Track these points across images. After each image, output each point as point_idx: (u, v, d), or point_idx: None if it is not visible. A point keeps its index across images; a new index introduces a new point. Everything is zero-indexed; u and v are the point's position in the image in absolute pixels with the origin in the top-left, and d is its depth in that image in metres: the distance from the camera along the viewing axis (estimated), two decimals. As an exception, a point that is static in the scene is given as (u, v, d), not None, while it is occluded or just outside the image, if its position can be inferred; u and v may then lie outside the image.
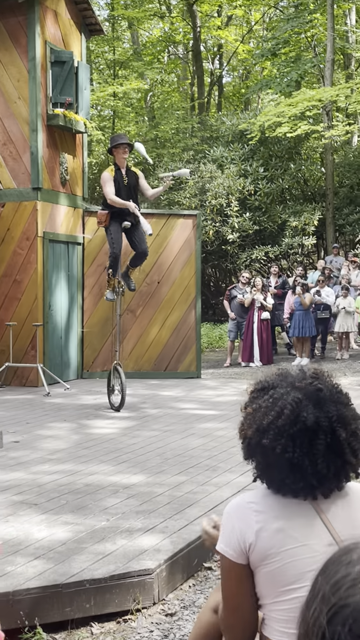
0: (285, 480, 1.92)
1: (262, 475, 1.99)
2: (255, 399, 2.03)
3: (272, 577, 1.92)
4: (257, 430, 1.95)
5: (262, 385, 2.05)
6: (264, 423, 1.93)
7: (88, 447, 6.85)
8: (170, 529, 4.45)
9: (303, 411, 1.90)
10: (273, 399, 1.95)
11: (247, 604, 1.98)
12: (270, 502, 1.96)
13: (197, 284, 12.13)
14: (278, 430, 1.90)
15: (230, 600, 2.00)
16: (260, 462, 1.97)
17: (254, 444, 1.96)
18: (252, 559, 1.94)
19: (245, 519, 1.95)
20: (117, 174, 8.55)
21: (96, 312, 11.94)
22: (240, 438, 2.03)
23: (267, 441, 1.91)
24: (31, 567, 3.84)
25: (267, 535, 1.91)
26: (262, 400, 1.98)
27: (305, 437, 1.89)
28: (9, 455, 6.51)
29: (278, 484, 1.95)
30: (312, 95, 17.87)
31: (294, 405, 1.91)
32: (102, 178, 8.62)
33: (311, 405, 1.92)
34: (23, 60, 10.84)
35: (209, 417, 8.39)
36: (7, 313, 11.06)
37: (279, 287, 14.91)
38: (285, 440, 1.89)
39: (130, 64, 24.55)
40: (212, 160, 19.15)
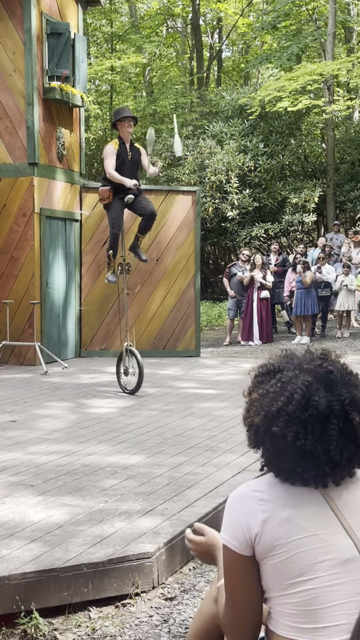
0: (296, 468, 1.81)
1: (271, 463, 1.88)
2: (260, 384, 1.90)
3: (280, 569, 1.81)
4: (265, 417, 1.83)
5: (267, 368, 1.93)
6: (273, 409, 1.81)
7: (86, 427, 6.76)
8: (170, 511, 4.36)
9: (314, 395, 1.79)
10: (281, 383, 1.83)
11: (252, 599, 1.87)
12: (277, 491, 1.85)
13: (197, 261, 11.99)
14: (289, 417, 1.78)
15: (234, 595, 1.89)
16: (270, 450, 1.85)
17: (263, 432, 1.84)
18: (257, 550, 1.83)
19: (250, 509, 1.84)
20: (121, 148, 8.27)
21: (94, 290, 11.80)
22: (245, 426, 1.91)
23: (277, 429, 1.79)
24: (27, 551, 3.75)
25: (274, 525, 1.81)
26: (269, 385, 1.86)
27: (317, 422, 1.78)
28: (6, 435, 6.42)
29: (288, 473, 1.83)
30: (313, 69, 17.61)
31: (305, 389, 1.79)
32: (105, 151, 8.27)
33: (322, 389, 1.80)
34: (18, 32, 10.59)
35: (209, 397, 8.30)
36: (4, 291, 10.92)
37: (279, 265, 14.77)
38: (296, 427, 1.78)
39: (128, 37, 24.17)
40: (211, 136, 18.90)
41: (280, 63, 19.50)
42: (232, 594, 1.89)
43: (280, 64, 19.49)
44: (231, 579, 1.88)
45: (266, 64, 21.32)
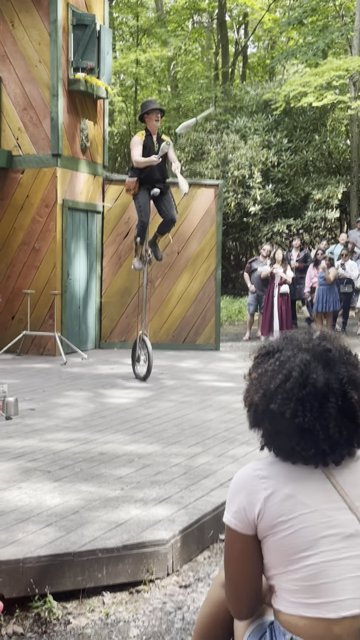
0: (295, 447, 1.81)
1: (271, 442, 1.89)
2: (260, 364, 1.91)
3: (283, 546, 1.82)
4: (264, 395, 1.84)
5: (267, 349, 1.94)
6: (271, 387, 1.82)
7: (104, 416, 6.77)
8: (186, 500, 4.35)
9: (312, 373, 1.79)
10: (279, 362, 1.84)
11: (248, 573, 1.89)
12: (278, 469, 1.86)
13: (218, 255, 11.96)
14: (286, 394, 1.79)
15: (231, 568, 1.91)
16: (269, 429, 1.86)
17: (261, 410, 1.85)
18: (260, 527, 1.84)
19: (252, 487, 1.85)
20: (147, 140, 8.33)
21: (115, 282, 11.82)
22: (245, 406, 1.92)
23: (275, 406, 1.80)
24: (43, 535, 3.75)
25: (276, 501, 1.81)
26: (268, 364, 1.87)
27: (315, 400, 1.78)
28: (24, 423, 6.44)
29: (288, 452, 1.84)
30: (339, 64, 17.46)
31: (303, 367, 1.80)
32: (132, 141, 8.34)
33: (320, 367, 1.81)
34: (44, 23, 10.61)
35: (227, 389, 8.28)
36: (25, 281, 10.97)
37: (301, 261, 14.69)
38: (294, 404, 1.78)
39: (154, 31, 24.14)
40: (235, 131, 18.83)
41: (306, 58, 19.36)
42: (230, 567, 1.91)
43: (306, 59, 19.35)
44: (231, 560, 1.90)
45: (292, 59, 21.17)
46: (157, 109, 8.37)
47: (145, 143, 8.27)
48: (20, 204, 10.93)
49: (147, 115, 8.33)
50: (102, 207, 11.75)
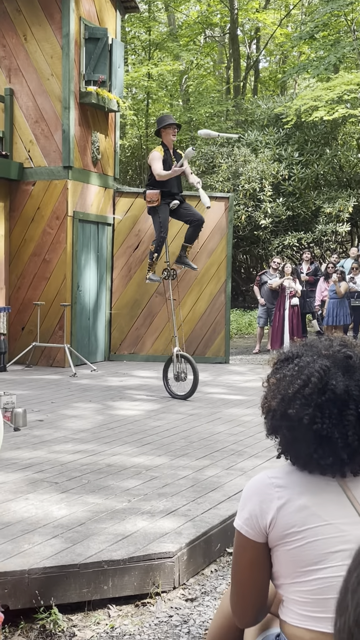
0: (313, 455, 1.77)
1: (288, 450, 1.85)
2: (279, 370, 1.88)
3: (293, 557, 1.78)
4: (282, 400, 1.80)
5: (286, 355, 1.91)
6: (290, 392, 1.78)
7: (112, 428, 6.75)
8: (193, 513, 4.31)
9: (332, 379, 1.76)
10: (299, 367, 1.81)
11: (255, 581, 1.86)
12: (294, 478, 1.82)
13: (228, 267, 11.95)
14: (305, 400, 1.76)
15: (239, 575, 1.88)
16: (286, 435, 1.83)
17: (279, 415, 1.82)
18: (271, 536, 1.80)
19: (266, 495, 1.81)
20: (166, 154, 8.37)
21: (125, 294, 11.83)
22: (263, 412, 1.89)
23: (293, 411, 1.77)
24: (49, 546, 3.73)
25: (289, 511, 1.78)
26: (287, 370, 1.84)
27: (334, 406, 1.74)
28: (33, 434, 6.43)
29: (305, 460, 1.80)
30: (350, 79, 17.49)
31: (322, 373, 1.77)
32: (152, 156, 8.35)
33: (340, 373, 1.77)
34: (57, 36, 10.70)
35: (236, 402, 8.24)
36: (36, 292, 10.99)
37: (311, 274, 14.65)
38: (313, 410, 1.75)
39: (166, 45, 24.29)
40: (246, 144, 18.87)
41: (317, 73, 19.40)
42: (237, 572, 1.88)
43: (318, 73, 19.39)
44: (239, 567, 1.87)
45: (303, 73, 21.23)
46: (174, 123, 8.42)
47: (165, 158, 8.32)
48: (31, 215, 10.98)
49: (164, 130, 8.38)
50: (112, 219, 11.79)
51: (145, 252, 11.77)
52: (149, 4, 25.21)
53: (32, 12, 10.82)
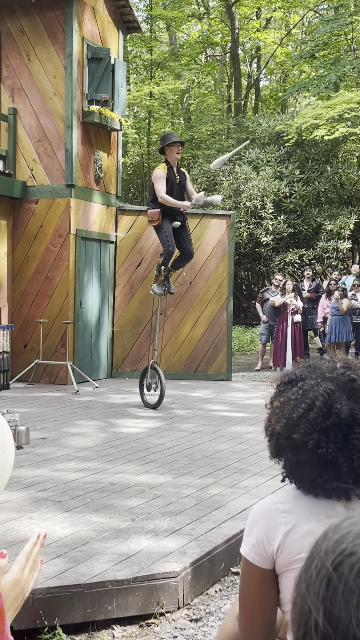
0: (317, 479, 1.77)
1: (292, 474, 1.84)
2: (282, 392, 1.88)
3: None
4: (286, 424, 1.80)
5: (290, 377, 1.90)
6: (294, 416, 1.78)
7: (115, 446, 6.74)
8: (197, 532, 4.30)
9: (336, 403, 1.75)
10: (303, 390, 1.80)
11: (263, 606, 1.84)
12: (300, 503, 1.81)
13: (230, 284, 11.98)
14: (309, 424, 1.75)
15: (249, 609, 1.86)
16: (291, 459, 1.82)
17: (283, 439, 1.81)
18: (278, 562, 1.79)
19: (272, 521, 1.80)
20: (169, 172, 8.43)
21: (127, 311, 11.85)
22: (267, 435, 1.88)
23: (297, 436, 1.76)
24: (52, 566, 3.72)
25: (296, 537, 1.77)
26: (291, 393, 1.83)
27: (339, 431, 1.74)
28: (35, 452, 6.43)
29: (310, 484, 1.79)
30: (350, 97, 17.61)
31: (326, 396, 1.76)
32: (155, 175, 8.42)
33: (345, 397, 1.77)
34: (60, 56, 10.80)
35: (239, 420, 8.23)
36: (38, 310, 11.02)
37: (313, 291, 14.67)
38: (317, 434, 1.74)
39: (167, 64, 24.48)
40: (247, 162, 18.97)
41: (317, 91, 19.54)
42: (245, 599, 1.87)
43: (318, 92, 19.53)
44: (247, 593, 1.86)
45: (304, 92, 21.38)
46: (178, 141, 8.48)
47: (168, 176, 8.37)
48: (34, 233, 11.03)
49: (168, 148, 8.43)
50: (115, 237, 11.83)
51: (147, 269, 11.81)
52: (150, 23, 25.45)
53: (36, 33, 10.93)
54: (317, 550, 0.82)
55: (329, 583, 0.76)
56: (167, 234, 8.38)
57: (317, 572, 0.79)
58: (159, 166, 8.53)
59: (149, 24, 25.12)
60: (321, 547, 0.81)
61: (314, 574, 0.79)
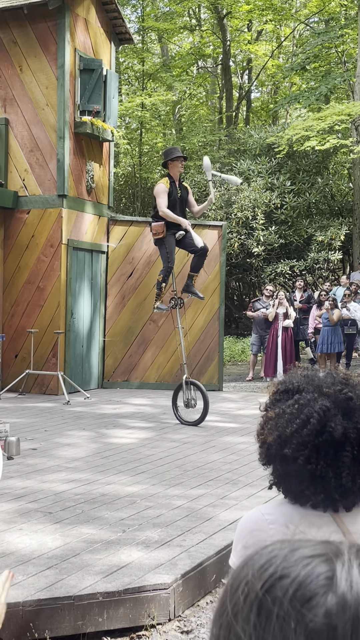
0: (304, 491, 1.77)
1: (280, 483, 1.85)
2: (277, 402, 1.87)
3: None
4: (278, 437, 1.80)
5: (286, 386, 1.90)
6: (287, 432, 1.78)
7: (106, 457, 6.72)
8: (188, 543, 4.29)
9: (330, 421, 1.75)
10: (299, 404, 1.80)
11: None
12: (287, 514, 1.81)
13: (221, 294, 12.00)
14: (302, 440, 1.75)
15: None
16: (279, 470, 1.82)
17: (274, 451, 1.81)
18: None
19: (261, 532, 1.80)
20: (171, 187, 8.46)
21: (118, 322, 11.84)
22: (258, 442, 1.88)
23: (289, 451, 1.76)
24: (43, 577, 3.70)
25: None
26: (286, 406, 1.83)
27: (330, 448, 1.74)
28: (26, 462, 6.40)
29: (296, 494, 1.80)
30: (341, 109, 17.73)
31: (322, 414, 1.76)
32: (157, 189, 8.45)
33: (340, 416, 1.77)
34: (52, 67, 10.83)
35: (230, 430, 8.23)
36: (29, 320, 11.00)
37: (304, 302, 14.72)
38: (309, 451, 1.74)
39: (159, 75, 24.60)
40: (239, 173, 19.05)
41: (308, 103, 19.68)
42: None
43: (309, 104, 19.67)
44: None
45: (295, 104, 21.52)
46: (182, 156, 8.55)
47: (170, 190, 8.41)
48: (26, 243, 11.02)
49: (172, 162, 8.48)
50: (106, 247, 11.84)
51: (139, 280, 11.81)
52: (142, 35, 25.58)
53: (28, 44, 10.96)
54: (241, 576, 0.76)
55: (261, 608, 0.70)
56: (169, 250, 8.40)
57: (244, 597, 0.73)
58: (162, 180, 8.57)
59: (140, 35, 25.25)
60: (246, 573, 0.75)
61: (242, 600, 0.73)
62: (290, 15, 24.71)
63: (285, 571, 0.72)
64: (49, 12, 10.73)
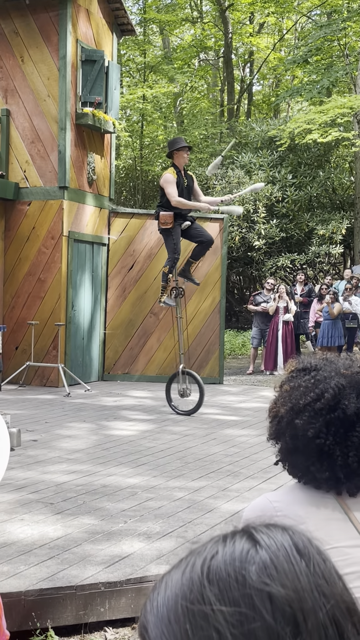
0: (310, 467, 1.77)
1: (286, 458, 1.84)
2: (294, 378, 1.88)
3: None
4: (291, 409, 1.80)
5: (305, 365, 1.91)
6: (301, 403, 1.79)
7: (107, 449, 6.71)
8: (190, 534, 4.29)
9: (345, 399, 1.76)
10: (315, 380, 1.81)
11: None
12: (295, 502, 1.80)
13: (222, 287, 11.98)
14: (314, 413, 1.76)
15: None
16: (288, 443, 1.82)
17: (285, 423, 1.81)
18: None
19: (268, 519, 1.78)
20: (178, 177, 8.46)
21: (119, 314, 11.82)
22: (269, 416, 1.88)
23: (300, 422, 1.77)
24: (44, 567, 3.70)
25: None
26: (303, 380, 1.84)
27: (341, 426, 1.75)
28: (27, 454, 6.40)
29: (301, 471, 1.80)
30: (343, 102, 17.67)
31: (336, 390, 1.77)
32: (165, 179, 8.42)
33: (354, 395, 1.78)
34: (54, 58, 10.79)
35: (231, 423, 8.22)
36: (30, 312, 10.98)
37: (305, 296, 14.70)
38: (319, 424, 1.75)
39: (161, 67, 24.52)
40: (240, 166, 19.00)
41: (310, 96, 19.60)
42: None
43: (311, 97, 19.59)
44: None
45: (296, 97, 21.44)
46: (187, 146, 8.55)
47: (177, 180, 8.40)
48: (27, 235, 11.00)
49: (177, 152, 8.48)
50: (107, 240, 11.82)
51: (140, 272, 11.79)
52: (144, 27, 25.48)
53: (29, 34, 10.91)
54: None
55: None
56: (175, 241, 8.41)
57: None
58: (168, 170, 8.56)
59: (142, 27, 25.15)
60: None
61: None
62: (292, 8, 24.61)
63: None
64: (50, 3, 10.68)
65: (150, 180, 24.70)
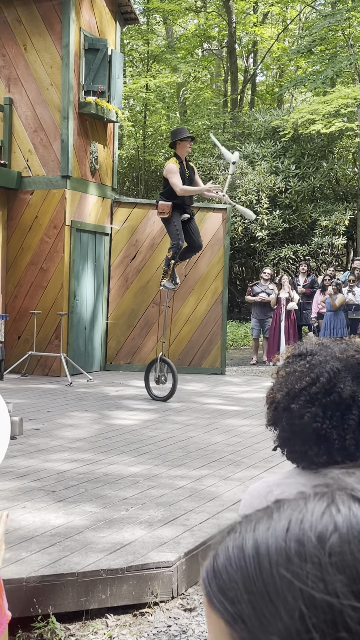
0: (307, 451, 1.77)
1: (284, 443, 1.85)
2: (290, 364, 1.89)
3: None
4: (287, 394, 1.81)
5: (300, 350, 1.91)
6: (296, 387, 1.79)
7: (109, 438, 6.72)
8: (192, 522, 4.29)
9: (340, 382, 1.76)
10: (310, 364, 1.82)
11: None
12: (293, 486, 1.80)
13: (225, 278, 11.96)
14: (310, 397, 1.77)
15: None
16: (285, 428, 1.83)
17: (282, 408, 1.82)
18: None
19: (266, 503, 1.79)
20: (180, 167, 8.48)
21: (121, 304, 11.82)
22: (267, 403, 1.89)
23: (296, 406, 1.78)
24: (47, 554, 3.70)
25: None
26: (298, 365, 1.84)
27: (337, 409, 1.75)
28: (29, 442, 6.40)
29: (299, 455, 1.80)
30: (347, 93, 17.59)
31: (332, 374, 1.77)
32: (169, 169, 8.44)
33: (350, 378, 1.78)
34: (57, 47, 10.74)
35: (233, 413, 8.23)
36: (32, 301, 10.98)
37: (308, 287, 14.68)
38: (315, 408, 1.76)
39: (164, 57, 24.41)
40: (243, 157, 18.94)
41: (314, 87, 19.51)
42: None
43: (315, 87, 19.50)
44: None
45: (300, 87, 21.34)
46: (190, 136, 8.56)
47: (180, 170, 8.40)
48: (29, 224, 10.98)
49: (180, 142, 8.49)
50: (110, 229, 11.79)
51: (142, 262, 11.78)
52: (147, 16, 25.35)
53: (32, 23, 10.86)
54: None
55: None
56: (177, 227, 8.44)
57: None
58: (171, 160, 8.56)
59: (145, 16, 25.02)
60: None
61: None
62: (296, -3, 24.46)
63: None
64: (54, -9, 10.62)
65: (153, 171, 24.64)
